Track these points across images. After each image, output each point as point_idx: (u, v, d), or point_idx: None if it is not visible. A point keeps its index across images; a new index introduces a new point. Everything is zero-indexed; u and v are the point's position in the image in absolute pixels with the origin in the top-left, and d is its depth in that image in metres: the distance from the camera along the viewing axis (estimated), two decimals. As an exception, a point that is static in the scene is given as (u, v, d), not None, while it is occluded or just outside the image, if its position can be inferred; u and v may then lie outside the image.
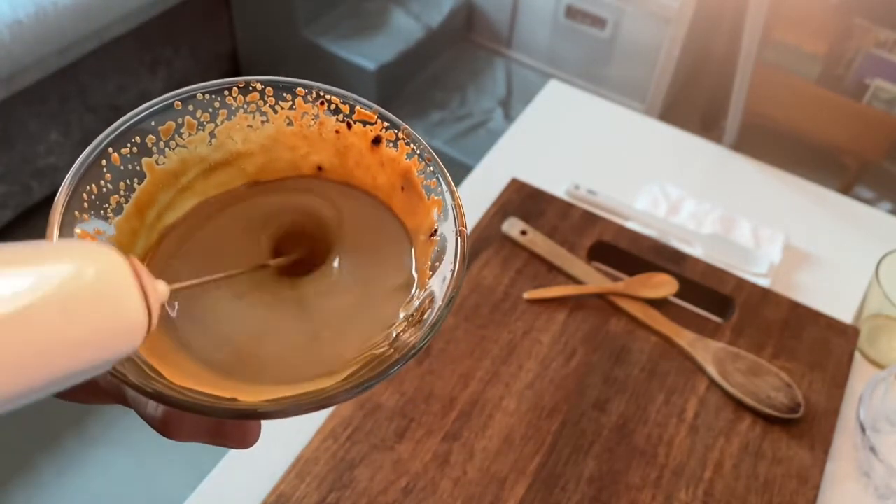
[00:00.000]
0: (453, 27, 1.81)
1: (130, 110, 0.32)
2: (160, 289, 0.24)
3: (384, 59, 1.63)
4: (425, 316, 0.30)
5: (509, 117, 1.68)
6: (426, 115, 1.68)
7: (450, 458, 0.57)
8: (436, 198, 0.32)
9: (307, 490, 0.55)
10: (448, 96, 1.73)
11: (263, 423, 0.32)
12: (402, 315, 0.31)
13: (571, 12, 1.69)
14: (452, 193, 0.32)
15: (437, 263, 0.31)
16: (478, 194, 0.77)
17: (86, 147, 0.30)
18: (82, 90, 1.49)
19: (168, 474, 1.26)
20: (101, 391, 0.31)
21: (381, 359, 0.29)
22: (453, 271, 0.30)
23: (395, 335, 0.30)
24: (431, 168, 0.33)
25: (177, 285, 0.26)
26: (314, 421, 0.59)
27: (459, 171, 0.81)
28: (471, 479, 0.56)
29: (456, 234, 0.31)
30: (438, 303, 0.29)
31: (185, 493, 0.56)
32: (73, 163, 0.30)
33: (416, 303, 0.31)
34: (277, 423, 0.60)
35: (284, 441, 0.58)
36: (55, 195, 0.29)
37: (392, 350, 0.29)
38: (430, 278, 0.31)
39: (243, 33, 1.79)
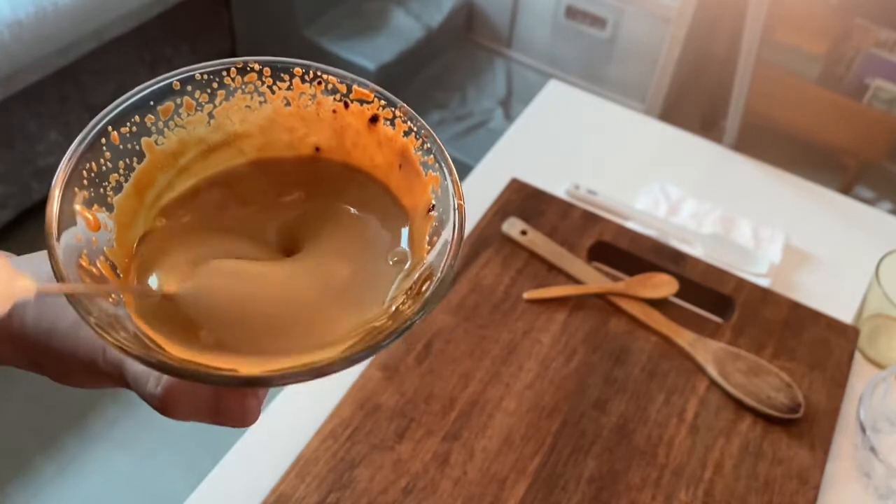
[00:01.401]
0: (453, 27, 1.80)
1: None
2: (20, 284, 0.24)
3: (384, 59, 1.63)
4: (424, 288, 0.30)
5: (509, 117, 1.68)
6: (426, 115, 1.68)
7: (450, 458, 0.57)
8: (433, 174, 0.33)
9: (307, 490, 0.55)
10: (448, 96, 1.73)
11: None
12: (402, 288, 0.31)
13: (571, 12, 1.69)
14: (449, 169, 0.32)
15: (436, 238, 0.31)
16: (478, 194, 0.77)
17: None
18: (82, 90, 1.49)
19: (168, 474, 1.26)
20: (101, 374, 0.31)
21: (379, 330, 0.29)
22: (450, 242, 0.30)
23: (394, 308, 0.31)
24: (428, 145, 0.33)
25: (45, 287, 0.25)
26: (314, 421, 0.59)
27: (459, 171, 0.81)
28: (471, 479, 0.56)
29: (453, 208, 0.31)
30: (437, 275, 0.29)
31: (185, 493, 0.56)
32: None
33: (416, 276, 0.31)
34: (277, 423, 0.60)
35: (284, 441, 0.58)
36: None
37: (391, 321, 0.30)
38: (428, 252, 0.32)
39: (243, 33, 1.78)
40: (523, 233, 0.72)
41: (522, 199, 0.75)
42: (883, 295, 0.66)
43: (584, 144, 0.87)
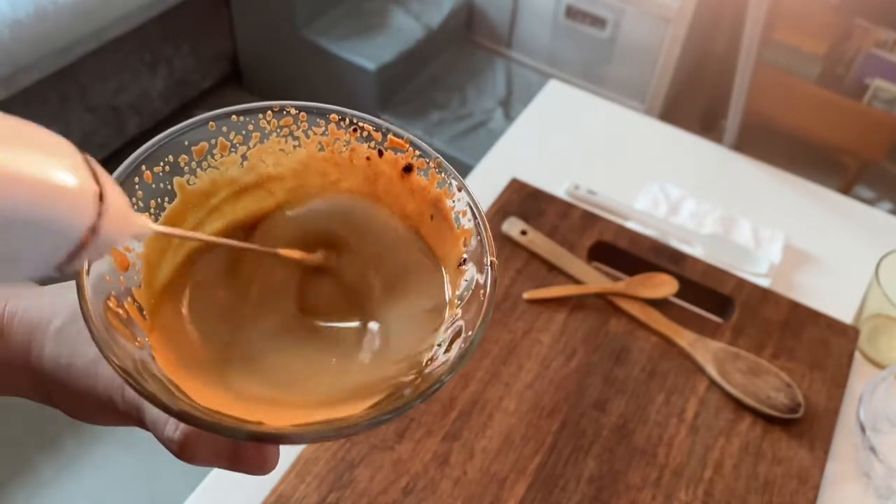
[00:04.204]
0: (453, 27, 1.80)
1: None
2: (139, 221, 0.24)
3: (384, 59, 1.63)
4: (454, 345, 0.29)
5: (509, 117, 1.68)
6: (426, 115, 1.68)
7: (450, 458, 0.57)
8: (465, 227, 0.32)
9: (307, 490, 0.55)
10: (448, 96, 1.73)
11: None
12: (431, 343, 0.31)
13: (571, 12, 1.69)
14: (484, 224, 0.32)
15: (467, 293, 0.31)
16: (478, 194, 0.76)
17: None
18: (82, 90, 1.49)
19: (168, 474, 1.26)
20: (118, 413, 0.31)
21: (408, 387, 0.29)
22: (482, 301, 0.29)
23: (424, 363, 0.30)
24: (462, 197, 0.33)
25: (162, 228, 0.26)
26: (314, 421, 0.59)
27: (459, 171, 0.81)
28: (471, 479, 0.56)
29: (487, 264, 0.31)
30: (468, 332, 0.29)
31: (185, 493, 0.56)
32: None
33: (446, 332, 0.31)
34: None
35: (284, 441, 0.58)
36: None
37: (420, 379, 0.29)
38: (459, 307, 0.31)
39: (243, 33, 1.78)
40: (523, 233, 0.72)
41: (522, 199, 0.75)
42: (883, 295, 0.66)
43: (584, 144, 0.87)
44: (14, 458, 1.26)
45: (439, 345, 0.31)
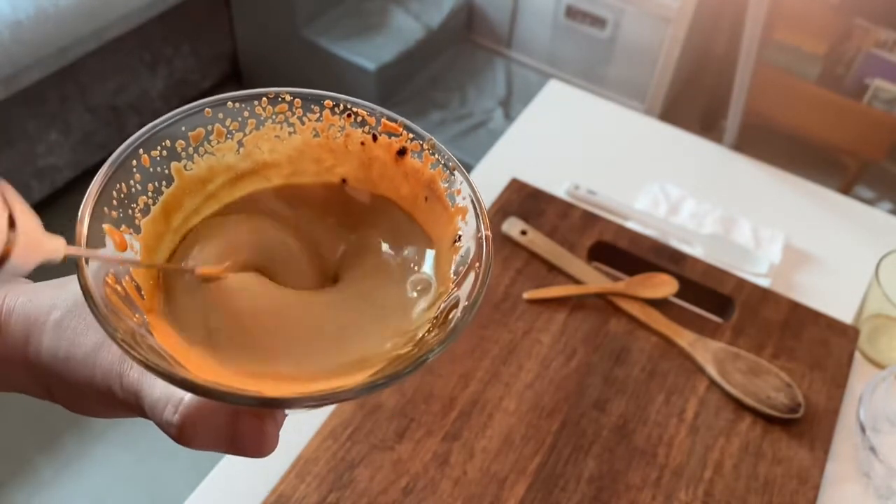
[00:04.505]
0: (453, 27, 1.80)
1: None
2: (50, 244, 0.24)
3: (384, 59, 1.63)
4: (450, 317, 0.30)
5: (509, 117, 1.68)
6: (426, 115, 1.68)
7: (450, 458, 0.57)
8: (459, 205, 0.33)
9: (307, 490, 0.55)
10: (448, 96, 1.73)
11: None
12: (427, 317, 0.32)
13: (571, 12, 1.69)
14: (477, 200, 0.32)
15: (462, 268, 0.32)
16: (478, 194, 0.77)
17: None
18: (82, 90, 1.49)
19: (168, 474, 1.26)
20: (117, 402, 0.31)
21: (404, 358, 0.29)
22: (478, 274, 0.30)
23: (420, 336, 0.31)
24: (456, 176, 0.33)
25: (72, 249, 0.26)
26: (314, 421, 0.59)
27: (459, 171, 0.81)
28: (471, 479, 0.56)
29: (481, 238, 0.31)
30: (463, 303, 0.30)
31: (185, 492, 0.56)
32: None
33: (441, 306, 0.32)
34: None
35: (284, 441, 0.58)
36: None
37: (416, 349, 0.30)
38: (454, 282, 0.32)
39: (243, 33, 1.79)
40: (523, 233, 0.72)
41: (522, 199, 0.75)
42: (883, 295, 0.66)
43: (584, 144, 0.87)
44: (14, 458, 1.27)
45: (436, 317, 0.31)
